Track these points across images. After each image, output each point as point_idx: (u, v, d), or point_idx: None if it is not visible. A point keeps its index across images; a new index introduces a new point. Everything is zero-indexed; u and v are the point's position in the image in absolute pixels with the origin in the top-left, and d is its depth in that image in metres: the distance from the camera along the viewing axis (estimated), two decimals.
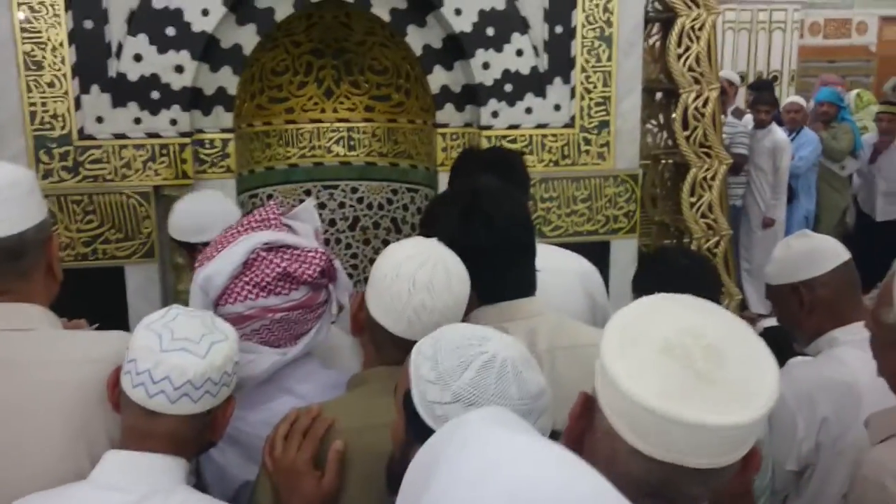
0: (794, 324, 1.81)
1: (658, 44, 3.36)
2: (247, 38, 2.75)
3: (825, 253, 1.79)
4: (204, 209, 2.44)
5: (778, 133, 5.91)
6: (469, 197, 1.41)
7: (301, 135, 3.20)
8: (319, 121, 3.21)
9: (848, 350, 1.64)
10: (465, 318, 1.28)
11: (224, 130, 2.80)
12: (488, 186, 1.46)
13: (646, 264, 2.07)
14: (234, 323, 1.26)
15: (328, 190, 3.24)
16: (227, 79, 2.77)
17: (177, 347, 1.10)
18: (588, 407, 0.88)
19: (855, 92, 6.56)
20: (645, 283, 1.91)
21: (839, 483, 1.59)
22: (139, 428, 1.12)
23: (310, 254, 1.38)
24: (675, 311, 0.86)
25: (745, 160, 5.59)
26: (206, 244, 1.52)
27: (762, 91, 6.10)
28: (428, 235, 1.34)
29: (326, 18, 2.98)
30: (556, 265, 2.02)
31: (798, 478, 1.69)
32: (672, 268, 1.88)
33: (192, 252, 2.36)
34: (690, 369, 0.79)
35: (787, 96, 7.10)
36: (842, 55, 11.40)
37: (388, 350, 1.24)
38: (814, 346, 1.77)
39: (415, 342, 1.05)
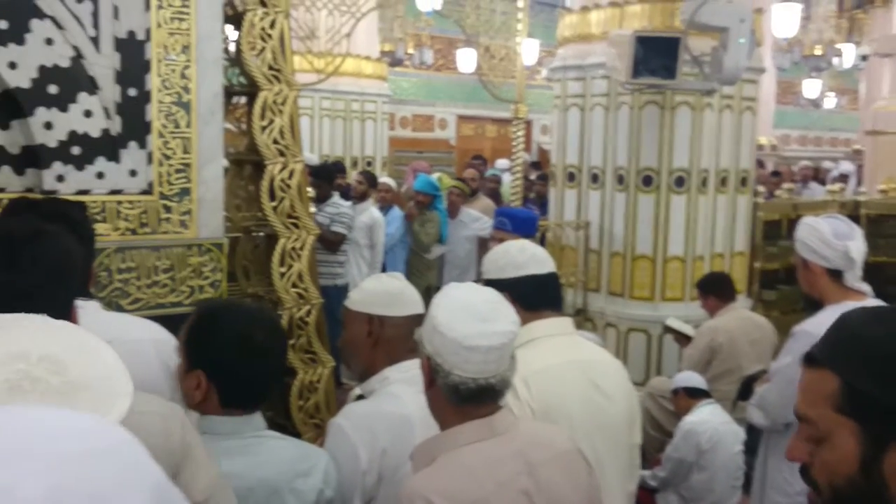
0: (354, 351, 1.91)
1: (245, 116, 3.39)
2: None
3: (406, 299, 1.95)
4: None
5: (374, 210, 6.32)
6: None
7: None
8: None
9: (400, 386, 1.76)
10: None
11: None
12: None
13: (218, 342, 1.73)
14: None
15: None
16: None
17: None
18: None
19: (437, 175, 7.32)
20: (223, 369, 1.71)
21: None
22: None
23: None
24: None
25: (342, 238, 5.87)
26: None
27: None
28: None
29: None
30: (127, 335, 1.90)
31: None
32: (251, 351, 1.76)
33: None
34: (52, 393, 0.78)
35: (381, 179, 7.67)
36: (428, 146, 12.71)
37: None
38: (367, 385, 1.87)
39: None
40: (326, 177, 6.02)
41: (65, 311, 1.33)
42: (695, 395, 4.30)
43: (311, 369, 3.29)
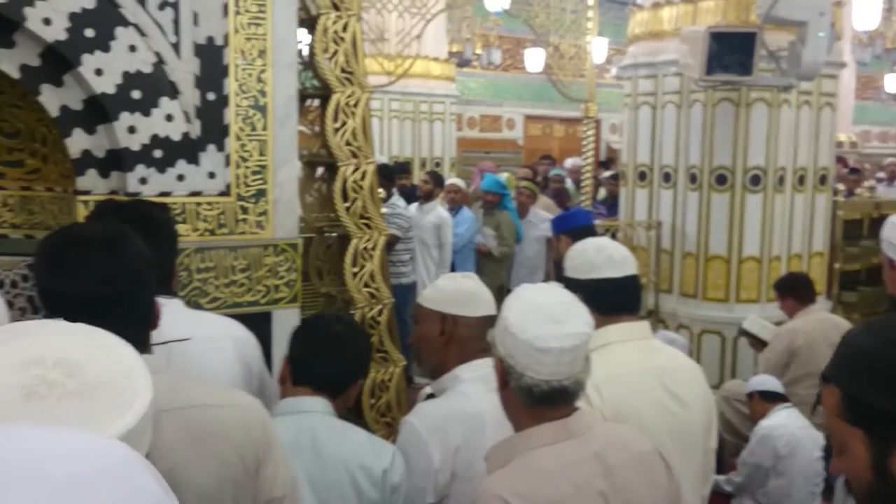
0: (426, 348, 1.94)
1: (318, 118, 3.44)
2: None
3: (479, 300, 1.97)
4: None
5: (441, 210, 6.33)
6: (56, 241, 1.32)
7: None
8: None
9: (471, 385, 1.77)
10: None
11: None
12: (80, 232, 1.38)
13: (299, 331, 2.06)
14: None
15: None
16: None
17: None
18: None
19: (505, 175, 7.31)
20: (298, 350, 1.93)
21: None
22: None
23: None
24: (7, 348, 0.84)
25: (395, 240, 5.92)
26: None
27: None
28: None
29: None
30: (207, 332, 1.95)
31: None
32: (324, 334, 1.93)
33: None
34: (69, 395, 0.79)
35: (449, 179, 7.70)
36: (495, 146, 12.70)
37: None
38: (439, 384, 1.88)
39: None
40: (387, 176, 6.06)
41: (149, 308, 1.38)
42: (770, 398, 4.19)
43: (382, 368, 3.32)
